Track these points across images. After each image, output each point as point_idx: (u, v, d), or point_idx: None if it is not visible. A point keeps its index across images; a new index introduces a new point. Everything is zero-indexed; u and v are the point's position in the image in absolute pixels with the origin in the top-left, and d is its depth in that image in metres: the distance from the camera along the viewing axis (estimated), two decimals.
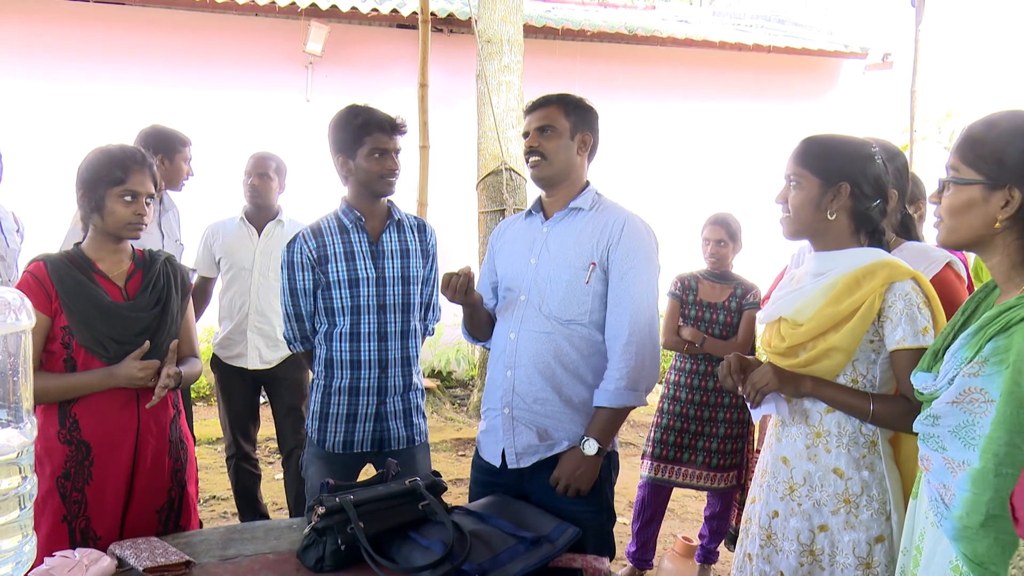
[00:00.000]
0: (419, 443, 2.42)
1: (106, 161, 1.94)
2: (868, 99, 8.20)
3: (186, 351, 2.13)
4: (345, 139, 2.27)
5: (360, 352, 2.30)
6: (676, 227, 5.94)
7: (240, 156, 3.67)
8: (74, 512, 1.90)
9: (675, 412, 3.28)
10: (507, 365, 2.07)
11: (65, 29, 6.36)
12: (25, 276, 1.91)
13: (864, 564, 1.65)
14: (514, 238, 2.19)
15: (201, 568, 1.73)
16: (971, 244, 1.36)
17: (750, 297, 3.26)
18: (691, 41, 7.53)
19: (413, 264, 2.35)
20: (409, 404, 2.38)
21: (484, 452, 2.16)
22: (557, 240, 2.08)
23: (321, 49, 6.56)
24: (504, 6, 5.77)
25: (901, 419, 1.60)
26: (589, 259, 2.02)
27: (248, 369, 3.35)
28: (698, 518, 3.85)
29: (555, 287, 2.03)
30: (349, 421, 2.32)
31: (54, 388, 1.88)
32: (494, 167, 5.67)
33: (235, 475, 3.46)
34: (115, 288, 1.98)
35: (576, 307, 2.01)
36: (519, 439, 2.05)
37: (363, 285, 2.28)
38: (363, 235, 2.30)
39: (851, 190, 1.67)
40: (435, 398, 6.34)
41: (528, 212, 2.19)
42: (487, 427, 2.15)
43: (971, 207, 1.31)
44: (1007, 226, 1.29)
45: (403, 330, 2.33)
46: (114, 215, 1.94)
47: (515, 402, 2.05)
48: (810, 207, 1.69)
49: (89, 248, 1.99)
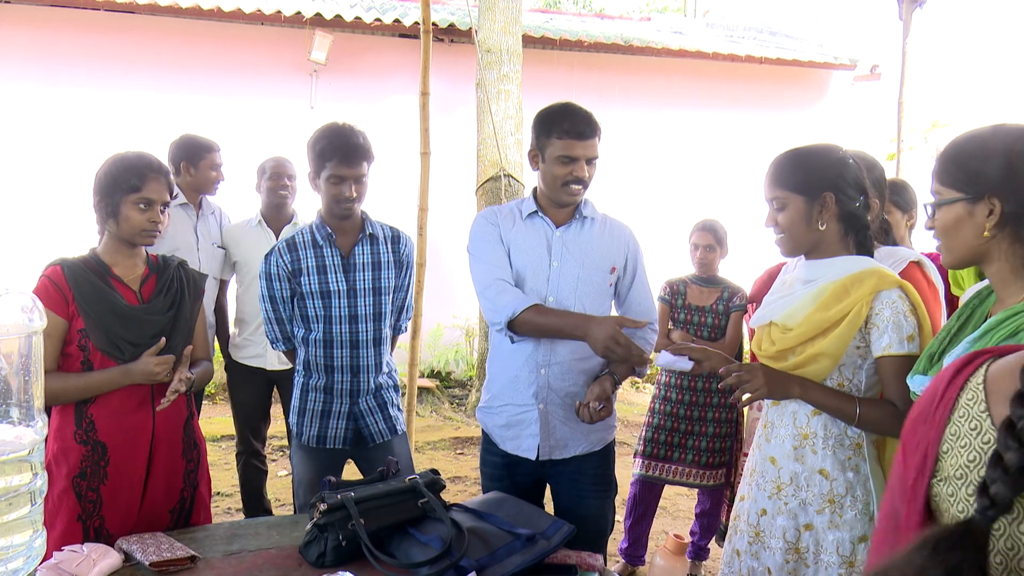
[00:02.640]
0: (398, 434, 2.52)
1: (123, 169, 1.96)
2: (857, 109, 8.27)
3: (200, 354, 2.16)
4: (312, 159, 2.35)
5: (333, 359, 2.39)
6: (669, 233, 6.03)
7: (246, 162, 3.71)
8: (89, 511, 1.92)
9: (666, 412, 3.35)
10: (540, 363, 2.15)
11: (74, 37, 6.42)
12: (43, 280, 1.93)
13: (847, 562, 1.68)
14: (522, 237, 2.20)
15: (206, 562, 1.74)
16: (972, 259, 1.38)
17: (737, 300, 3.33)
18: (685, 52, 7.61)
19: (385, 275, 2.42)
20: (383, 400, 2.47)
21: (507, 445, 2.21)
22: (576, 245, 2.17)
23: (325, 58, 6.64)
24: (504, 17, 5.84)
25: (885, 423, 1.64)
26: (611, 264, 2.19)
27: (266, 369, 3.37)
28: (689, 515, 3.90)
29: (585, 288, 2.15)
30: (324, 418, 2.42)
31: (72, 387, 1.90)
32: (493, 173, 5.74)
33: (243, 471, 3.48)
34: (130, 292, 2.00)
35: (600, 307, 2.17)
36: (555, 432, 2.16)
37: (334, 297, 2.36)
38: (334, 250, 2.38)
39: (836, 197, 1.70)
40: (434, 398, 6.40)
41: (529, 215, 2.21)
42: (508, 422, 2.20)
43: (960, 224, 1.34)
44: (996, 234, 1.32)
45: (375, 338, 2.42)
46: (129, 222, 1.96)
47: (550, 397, 2.15)
48: (801, 224, 1.72)
49: (105, 253, 2.01)
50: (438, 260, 4.62)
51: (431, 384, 6.48)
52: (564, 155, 2.08)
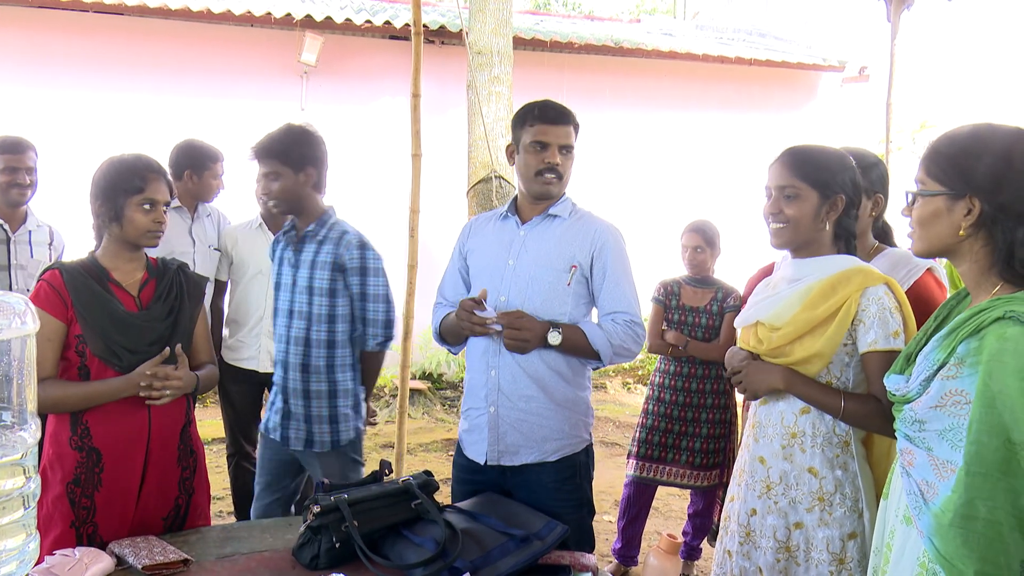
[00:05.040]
0: (320, 450, 2.47)
1: (124, 170, 1.95)
2: (845, 111, 8.35)
3: (204, 358, 2.14)
4: None
5: (278, 352, 2.55)
6: (660, 234, 6.04)
7: (237, 164, 3.70)
8: (82, 518, 1.90)
9: (660, 413, 3.35)
10: (491, 365, 2.12)
11: (64, 39, 6.38)
12: (41, 284, 1.91)
13: (838, 560, 1.69)
14: (488, 239, 2.23)
15: (198, 566, 1.74)
16: (941, 252, 1.41)
17: (731, 300, 3.33)
18: (675, 54, 7.64)
19: (319, 275, 2.42)
20: (311, 411, 2.46)
21: (468, 450, 2.20)
22: (535, 243, 2.14)
23: (316, 59, 6.62)
24: (494, 19, 5.86)
25: (870, 418, 1.66)
26: (570, 262, 2.10)
27: (259, 372, 3.35)
28: (682, 516, 3.91)
29: (537, 287, 2.09)
30: (270, 409, 2.59)
31: (73, 396, 1.88)
32: (484, 175, 5.76)
33: (235, 474, 3.46)
34: (129, 297, 1.98)
35: (557, 307, 2.09)
36: (505, 437, 2.11)
37: (280, 290, 2.53)
38: (288, 245, 2.53)
39: (845, 202, 1.74)
40: (426, 399, 6.39)
41: (504, 215, 2.24)
42: (470, 426, 2.19)
43: (937, 217, 1.36)
44: (971, 234, 1.33)
45: (305, 337, 2.44)
46: (134, 223, 1.95)
47: (500, 401, 2.10)
48: (809, 219, 1.74)
49: (104, 257, 1.99)
50: (430, 262, 4.61)
51: (423, 386, 6.47)
52: (536, 140, 2.09)
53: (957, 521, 1.22)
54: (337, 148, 8.03)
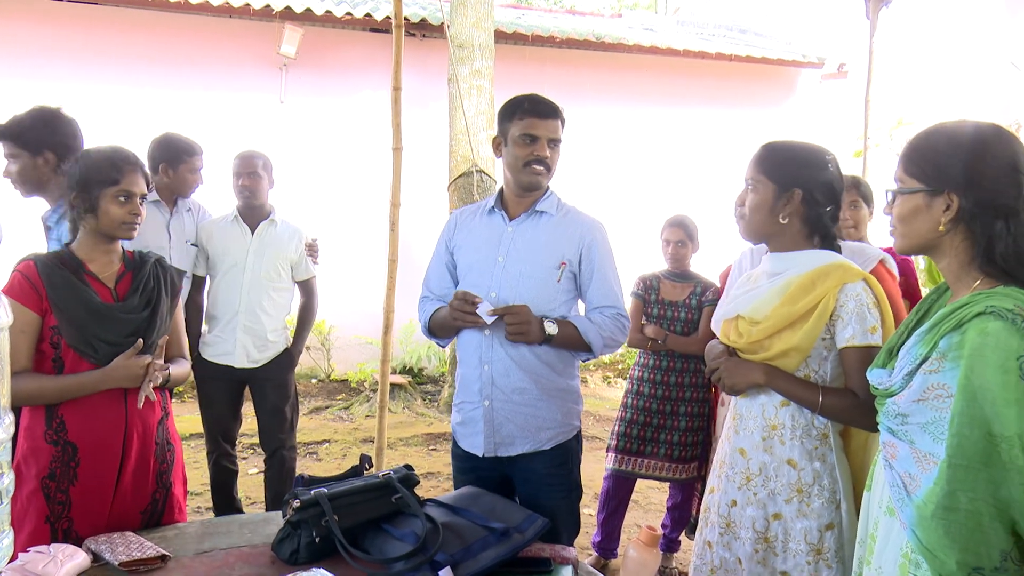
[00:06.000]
0: None
1: (100, 162, 1.94)
2: (824, 107, 8.40)
3: (175, 352, 2.13)
4: None
5: None
6: (640, 228, 6.08)
7: (215, 156, 3.66)
8: (57, 513, 1.88)
9: (638, 406, 3.37)
10: (483, 360, 2.15)
11: (38, 29, 6.26)
12: (15, 275, 1.89)
13: (815, 550, 1.72)
14: (475, 235, 2.25)
15: (176, 562, 1.72)
16: (923, 248, 1.43)
17: (710, 295, 3.36)
18: (656, 49, 7.66)
19: None
20: None
21: (464, 443, 2.25)
22: (524, 240, 2.17)
23: (295, 51, 6.54)
24: (475, 12, 5.83)
25: (847, 412, 1.68)
26: (559, 259, 2.15)
27: (235, 368, 3.34)
28: (661, 508, 3.95)
29: (528, 284, 2.14)
30: None
31: (49, 389, 1.86)
32: (465, 169, 5.73)
33: (214, 470, 3.45)
34: (105, 289, 1.96)
35: (547, 303, 2.14)
36: (501, 429, 2.16)
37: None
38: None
39: (803, 196, 1.73)
40: (407, 394, 6.38)
41: (490, 209, 2.25)
42: (464, 419, 2.23)
43: (917, 214, 1.38)
44: (951, 229, 1.36)
45: None
46: (109, 215, 1.93)
47: (494, 394, 2.15)
48: (764, 210, 1.76)
49: (80, 249, 1.97)
50: (410, 256, 4.60)
51: (403, 380, 6.46)
52: (525, 133, 2.12)
53: (939, 512, 1.24)
54: (317, 141, 8.01)
